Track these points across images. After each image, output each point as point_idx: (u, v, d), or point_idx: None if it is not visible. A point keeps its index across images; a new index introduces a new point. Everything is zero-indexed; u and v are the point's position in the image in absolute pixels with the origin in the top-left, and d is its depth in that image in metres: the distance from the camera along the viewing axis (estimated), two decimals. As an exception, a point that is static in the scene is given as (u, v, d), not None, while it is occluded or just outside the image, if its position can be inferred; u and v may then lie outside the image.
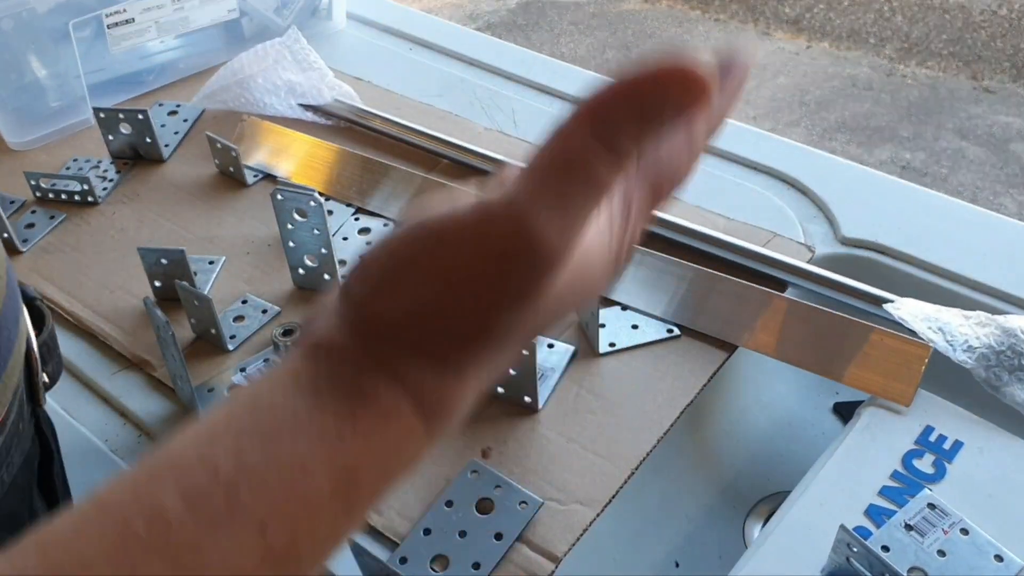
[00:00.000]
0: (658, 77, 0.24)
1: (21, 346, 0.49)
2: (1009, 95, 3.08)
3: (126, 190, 0.91)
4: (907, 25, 3.53)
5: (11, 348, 0.47)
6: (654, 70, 0.24)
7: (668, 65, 0.24)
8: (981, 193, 2.61)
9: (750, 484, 0.76)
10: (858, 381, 0.66)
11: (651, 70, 0.24)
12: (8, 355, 0.47)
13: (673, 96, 0.24)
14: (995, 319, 0.66)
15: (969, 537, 0.55)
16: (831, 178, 0.88)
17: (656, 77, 0.24)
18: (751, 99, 3.11)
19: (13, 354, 0.47)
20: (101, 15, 0.97)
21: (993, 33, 3.45)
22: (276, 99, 0.98)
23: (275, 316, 0.75)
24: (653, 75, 0.24)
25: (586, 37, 3.55)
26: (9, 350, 0.47)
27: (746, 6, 3.74)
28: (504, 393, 0.66)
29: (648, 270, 0.75)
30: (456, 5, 3.84)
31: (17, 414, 0.49)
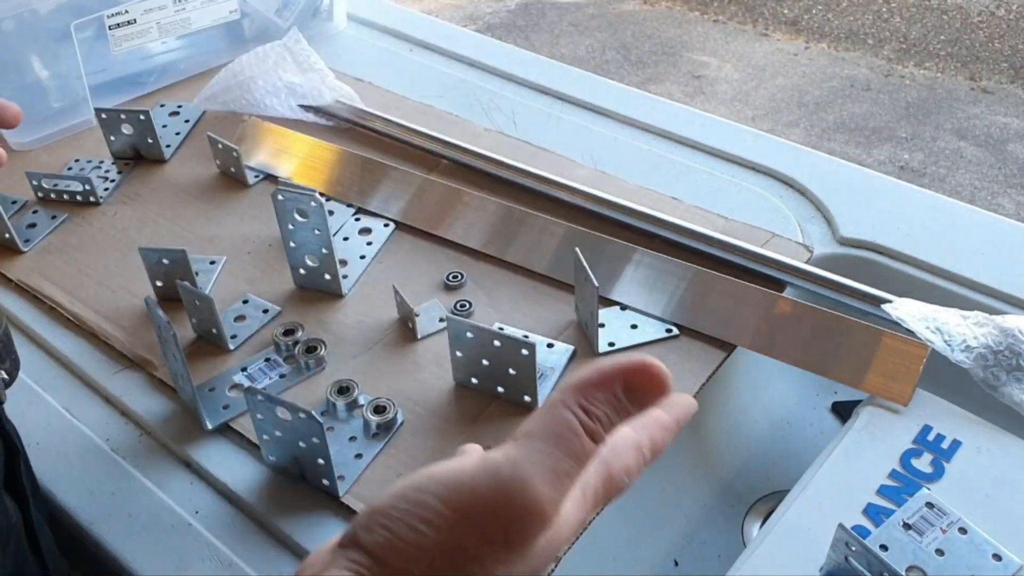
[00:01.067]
0: (630, 372, 0.34)
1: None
2: (1007, 95, 3.09)
3: (128, 190, 0.92)
4: (905, 26, 3.53)
5: None
6: (627, 366, 0.34)
7: (639, 365, 0.34)
8: (979, 193, 2.62)
9: (749, 483, 0.77)
10: (856, 381, 0.66)
11: (625, 365, 0.34)
12: None
13: (640, 388, 0.34)
14: (993, 319, 0.67)
15: (967, 536, 0.55)
16: (829, 178, 0.89)
17: (629, 371, 0.34)
18: (750, 99, 3.12)
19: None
20: (103, 16, 0.97)
21: (991, 34, 3.45)
22: (277, 100, 0.98)
23: (276, 316, 0.75)
24: (627, 369, 0.34)
25: (586, 38, 3.55)
26: None
27: (745, 7, 3.74)
28: (504, 392, 0.67)
29: (647, 270, 0.75)
30: (456, 6, 3.84)
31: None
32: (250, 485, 0.62)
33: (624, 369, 0.34)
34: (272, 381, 0.69)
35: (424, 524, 0.32)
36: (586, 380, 0.34)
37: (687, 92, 3.18)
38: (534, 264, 0.79)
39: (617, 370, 0.34)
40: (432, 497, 0.32)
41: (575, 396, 0.34)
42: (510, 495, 0.32)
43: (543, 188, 0.86)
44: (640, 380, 0.34)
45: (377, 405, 0.65)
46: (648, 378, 0.34)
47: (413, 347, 0.72)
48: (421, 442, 0.64)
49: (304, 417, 0.57)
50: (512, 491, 0.32)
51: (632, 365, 0.34)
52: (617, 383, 0.34)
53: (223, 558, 0.59)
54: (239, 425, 0.66)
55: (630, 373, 0.34)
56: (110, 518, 0.61)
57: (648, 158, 0.93)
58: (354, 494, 0.61)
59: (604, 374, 0.34)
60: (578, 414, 0.33)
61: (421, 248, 0.82)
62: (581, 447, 0.33)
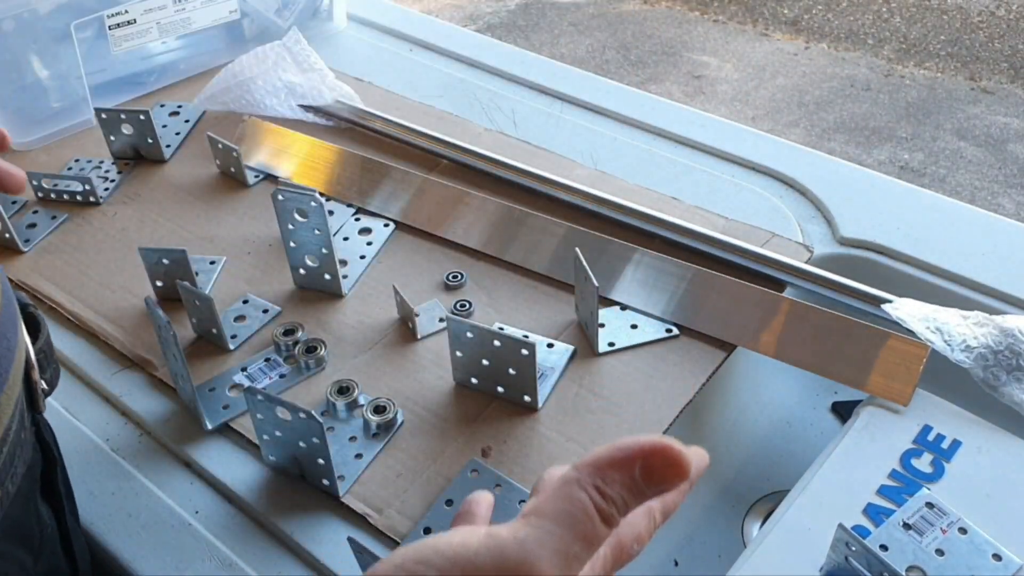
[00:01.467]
0: (650, 453, 0.32)
1: (21, 355, 0.49)
2: (1007, 95, 3.09)
3: (127, 190, 0.92)
4: (905, 26, 3.53)
5: (11, 358, 0.47)
6: (648, 447, 0.32)
7: (660, 447, 0.32)
8: (979, 193, 2.62)
9: (749, 483, 0.77)
10: (857, 381, 0.66)
11: (645, 447, 0.32)
12: (9, 365, 0.47)
13: (659, 472, 0.32)
14: (993, 319, 0.67)
15: (967, 536, 0.55)
16: (829, 178, 0.89)
17: (649, 453, 0.32)
18: (750, 99, 3.12)
19: (14, 364, 0.47)
20: (103, 16, 0.97)
21: (991, 34, 3.45)
22: (277, 100, 0.98)
23: (276, 316, 0.75)
24: (647, 451, 0.32)
25: (586, 38, 3.55)
26: (10, 360, 0.47)
27: (745, 7, 3.74)
28: (504, 392, 0.67)
29: (647, 270, 0.75)
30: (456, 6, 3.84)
31: (19, 423, 0.49)
32: (250, 485, 0.62)
33: (644, 451, 0.32)
34: (272, 381, 0.69)
35: None
36: (604, 459, 0.32)
37: (687, 92, 3.18)
38: (534, 264, 0.79)
39: (637, 451, 0.32)
40: (434, 571, 0.31)
41: (591, 476, 0.32)
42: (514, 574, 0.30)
43: (543, 188, 0.86)
44: (660, 463, 0.32)
45: (377, 405, 0.65)
46: (668, 462, 0.32)
47: (413, 347, 0.72)
48: (421, 442, 0.64)
49: (304, 417, 0.57)
50: (517, 573, 0.30)
51: (653, 447, 0.32)
52: (636, 465, 0.32)
53: (223, 558, 0.59)
54: (239, 425, 0.66)
55: (650, 455, 0.32)
56: (110, 518, 0.61)
57: (648, 158, 0.93)
58: (354, 494, 0.61)
59: (623, 454, 0.32)
60: (593, 496, 0.32)
61: (421, 248, 0.82)
62: (593, 531, 0.32)
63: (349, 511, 0.60)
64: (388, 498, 0.61)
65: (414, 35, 1.17)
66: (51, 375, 0.57)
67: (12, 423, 0.47)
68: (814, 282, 0.74)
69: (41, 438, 0.55)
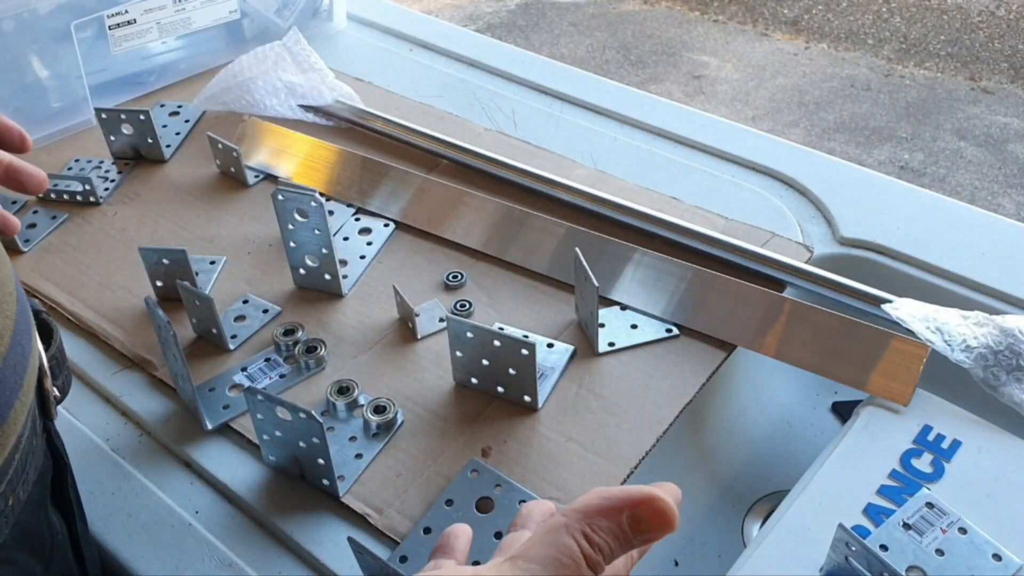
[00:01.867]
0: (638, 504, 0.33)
1: (35, 363, 0.49)
2: (1007, 95, 3.09)
3: (128, 190, 0.92)
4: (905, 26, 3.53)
5: (26, 366, 0.47)
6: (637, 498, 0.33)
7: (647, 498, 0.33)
8: (979, 193, 2.62)
9: (749, 483, 0.77)
10: (856, 381, 0.66)
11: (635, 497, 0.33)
12: (23, 373, 0.47)
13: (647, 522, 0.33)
14: (993, 319, 0.67)
15: (967, 536, 0.55)
16: (829, 178, 0.89)
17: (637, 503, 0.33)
18: (750, 99, 3.12)
19: (27, 372, 0.47)
20: (103, 16, 0.97)
21: (991, 34, 3.45)
22: (276, 100, 0.98)
23: (276, 316, 0.75)
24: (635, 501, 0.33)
25: (586, 38, 3.55)
26: (24, 368, 0.47)
27: (745, 7, 3.74)
28: (504, 392, 0.67)
29: (647, 270, 0.75)
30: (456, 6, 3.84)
31: (31, 431, 0.49)
32: (250, 485, 0.62)
33: (633, 500, 0.33)
34: (272, 381, 0.69)
35: None
36: (592, 507, 0.33)
37: (687, 92, 3.18)
38: (534, 264, 0.79)
39: (626, 500, 0.33)
40: None
41: (580, 523, 0.33)
42: None
43: (543, 188, 0.86)
44: (648, 514, 0.33)
45: (377, 405, 0.65)
46: (655, 513, 0.33)
47: (413, 347, 0.72)
48: (421, 442, 0.64)
49: (304, 417, 0.57)
50: None
51: (642, 498, 0.33)
52: (624, 513, 0.33)
53: (223, 558, 0.59)
54: (239, 425, 0.66)
55: (638, 505, 0.33)
56: (110, 518, 0.61)
57: (648, 158, 0.93)
58: (354, 494, 0.61)
59: (612, 502, 0.33)
60: (580, 542, 0.32)
61: (421, 248, 0.82)
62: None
63: (349, 511, 0.60)
64: (388, 498, 0.61)
65: (414, 35, 1.17)
66: (63, 382, 0.57)
67: (24, 431, 0.47)
68: (814, 282, 0.74)
69: (52, 444, 0.55)
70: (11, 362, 0.45)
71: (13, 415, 0.45)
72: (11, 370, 0.45)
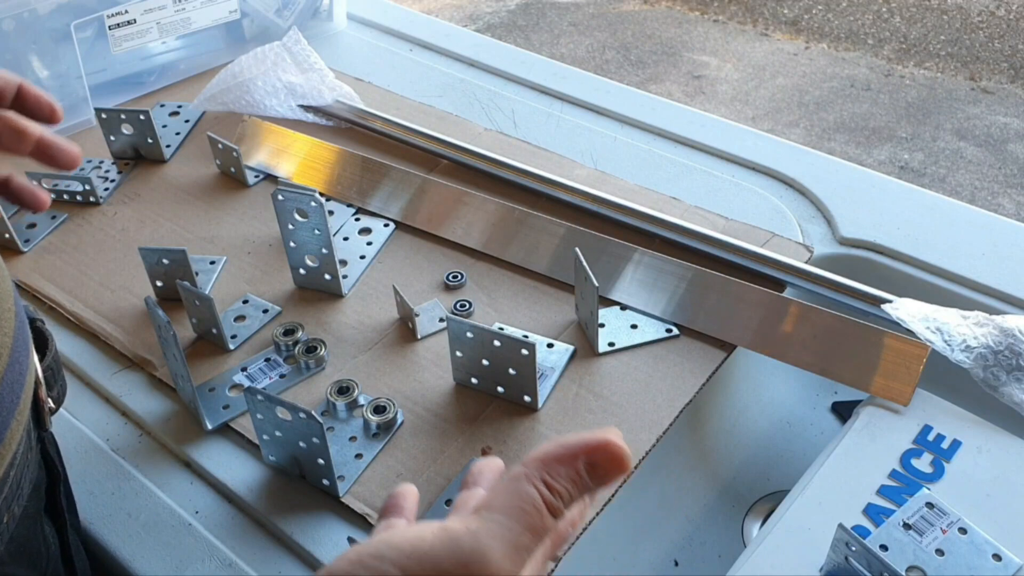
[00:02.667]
0: (594, 449, 0.34)
1: (31, 379, 0.49)
2: (1007, 95, 3.09)
3: (127, 190, 0.92)
4: (905, 26, 3.53)
5: (23, 383, 0.47)
6: (592, 443, 0.34)
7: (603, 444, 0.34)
8: (979, 193, 2.62)
9: (749, 483, 0.77)
10: (856, 381, 0.66)
11: (590, 443, 0.34)
12: (20, 390, 0.46)
13: (603, 467, 0.34)
14: (993, 319, 0.67)
15: (967, 536, 0.55)
16: (829, 179, 0.89)
17: (593, 449, 0.34)
18: (750, 99, 3.12)
19: (24, 389, 0.47)
20: (103, 16, 0.97)
21: (991, 34, 3.45)
22: (276, 101, 0.98)
23: (276, 316, 0.75)
24: (591, 447, 0.34)
25: (585, 38, 3.55)
26: (21, 385, 0.46)
27: (745, 7, 3.74)
28: (504, 392, 0.67)
29: (647, 270, 0.75)
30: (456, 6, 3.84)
31: (25, 445, 0.48)
32: (250, 485, 0.62)
33: (588, 446, 0.34)
34: (272, 381, 0.69)
35: None
36: (550, 455, 0.34)
37: (687, 92, 3.18)
38: (534, 264, 0.79)
39: (581, 447, 0.34)
40: (391, 566, 0.32)
41: (538, 470, 0.34)
42: (469, 567, 0.32)
43: (543, 188, 0.86)
44: (602, 458, 0.34)
45: (377, 405, 0.65)
46: (610, 456, 0.35)
47: (413, 347, 0.72)
48: (421, 442, 0.64)
49: (304, 417, 0.57)
50: (471, 563, 0.32)
51: (596, 443, 0.34)
52: (580, 459, 0.34)
53: (223, 558, 0.59)
54: (239, 425, 0.66)
55: (593, 450, 0.34)
56: (110, 518, 0.61)
57: (648, 158, 0.93)
58: (354, 494, 0.61)
59: (568, 450, 0.34)
60: (540, 489, 0.34)
61: (421, 248, 0.82)
62: (541, 523, 0.33)
63: (349, 511, 0.60)
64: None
65: (414, 35, 1.17)
66: (58, 392, 0.57)
67: (20, 447, 0.47)
68: (814, 282, 0.74)
69: (46, 454, 0.55)
70: (8, 381, 0.44)
71: (9, 435, 0.45)
72: (8, 389, 0.44)
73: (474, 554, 0.32)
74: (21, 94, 0.56)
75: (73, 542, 0.57)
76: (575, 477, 0.34)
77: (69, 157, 0.58)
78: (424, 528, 0.33)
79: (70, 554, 0.56)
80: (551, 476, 0.34)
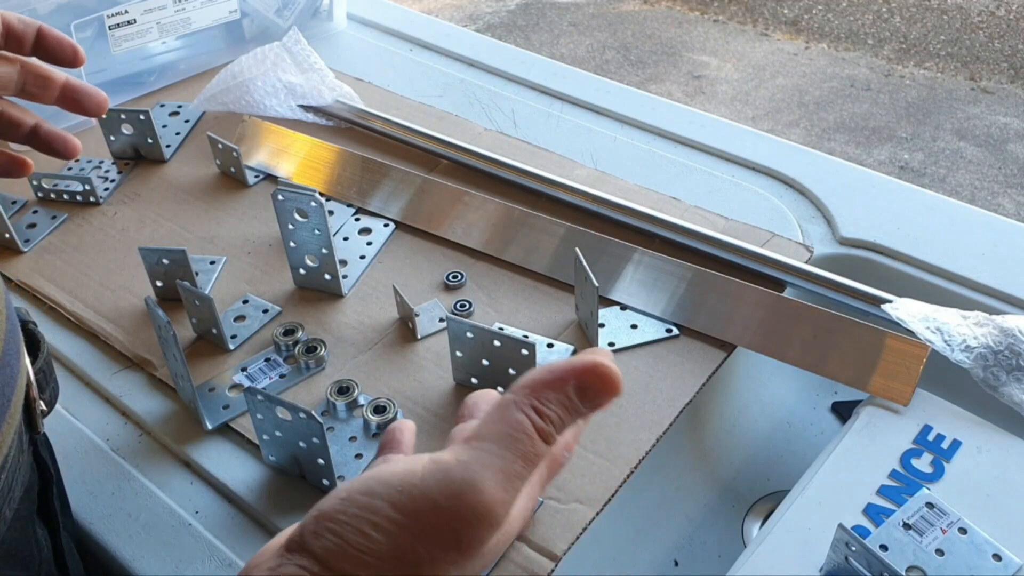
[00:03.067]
0: (583, 372, 0.33)
1: (23, 382, 0.49)
2: (1007, 95, 3.09)
3: (128, 190, 0.92)
4: (905, 26, 3.53)
5: (14, 386, 0.46)
6: (580, 367, 0.33)
7: (591, 366, 0.33)
8: (979, 193, 2.62)
9: (749, 483, 0.77)
10: (856, 381, 0.66)
11: (580, 367, 0.33)
12: (11, 394, 0.46)
13: (593, 389, 0.34)
14: (993, 319, 0.67)
15: (967, 536, 0.55)
16: (829, 178, 0.89)
17: (581, 372, 0.33)
18: (750, 99, 3.12)
19: (15, 392, 0.47)
20: (103, 16, 0.97)
21: (991, 34, 3.45)
22: (276, 101, 0.98)
23: (276, 316, 0.76)
24: (579, 370, 0.33)
25: (585, 38, 3.55)
26: (12, 388, 0.46)
27: (745, 7, 3.74)
28: (504, 392, 0.67)
29: (647, 270, 0.75)
30: (456, 6, 3.84)
31: (17, 448, 0.48)
32: (250, 485, 0.62)
33: (577, 370, 0.34)
34: (272, 381, 0.69)
35: (374, 529, 0.31)
36: (539, 380, 0.34)
37: (687, 92, 3.18)
38: (534, 264, 0.79)
39: (570, 371, 0.34)
40: (382, 502, 0.31)
41: (527, 397, 0.33)
42: (461, 498, 0.31)
43: (543, 188, 0.86)
44: (592, 381, 0.34)
45: (377, 405, 0.65)
46: (600, 379, 0.34)
47: (413, 347, 0.72)
48: (421, 442, 0.64)
49: (304, 417, 0.57)
50: (463, 494, 0.31)
51: (585, 366, 0.34)
52: (569, 383, 0.34)
53: (223, 558, 0.59)
54: (239, 425, 0.66)
55: (582, 374, 0.34)
56: (110, 518, 0.61)
57: (648, 158, 0.93)
58: (354, 494, 0.61)
59: (557, 375, 0.34)
60: (530, 415, 0.33)
61: (421, 248, 0.82)
62: (532, 449, 0.33)
63: (349, 511, 0.60)
64: (388, 498, 0.61)
65: (414, 35, 1.17)
66: (50, 395, 0.56)
67: (11, 451, 0.47)
68: (814, 282, 0.74)
69: (38, 456, 0.55)
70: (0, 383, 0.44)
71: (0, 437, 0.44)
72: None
73: (465, 484, 0.31)
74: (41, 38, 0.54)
75: (66, 544, 0.57)
76: (565, 401, 0.34)
77: (96, 102, 0.56)
78: (414, 461, 0.33)
79: (63, 557, 0.56)
80: (540, 402, 0.33)
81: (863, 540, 0.51)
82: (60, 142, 0.56)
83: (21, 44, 0.52)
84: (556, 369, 0.34)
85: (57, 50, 0.54)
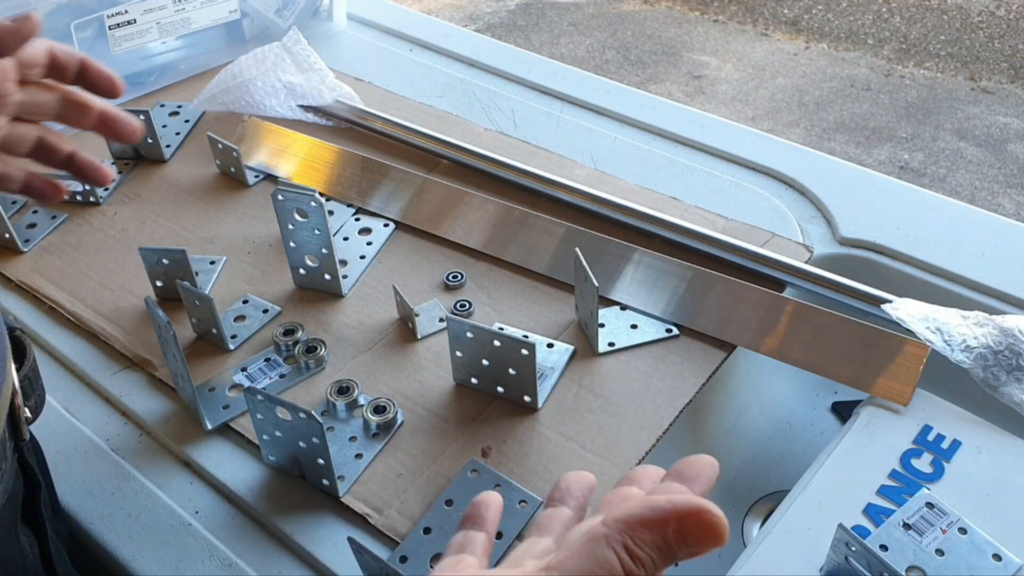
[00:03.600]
0: (686, 516, 0.30)
1: (8, 389, 0.48)
2: (1007, 95, 3.09)
3: (128, 190, 0.92)
4: (905, 26, 3.53)
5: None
6: (684, 509, 0.30)
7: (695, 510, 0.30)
8: (979, 193, 2.62)
9: (749, 483, 0.77)
10: (856, 381, 0.66)
11: (681, 509, 0.30)
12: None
13: (694, 536, 0.30)
14: (993, 319, 0.67)
15: (967, 536, 0.55)
16: (829, 179, 0.89)
17: (684, 515, 0.30)
18: (750, 99, 3.11)
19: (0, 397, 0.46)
20: (103, 16, 0.97)
21: (991, 34, 3.45)
22: (276, 101, 0.98)
23: (276, 316, 0.75)
24: (682, 513, 0.30)
25: (586, 38, 3.55)
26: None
27: (745, 7, 3.74)
28: (504, 392, 0.67)
29: (647, 270, 0.75)
30: (456, 6, 3.84)
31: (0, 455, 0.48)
32: (250, 485, 0.62)
33: (680, 512, 0.30)
34: (272, 381, 0.69)
35: None
36: (636, 518, 0.30)
37: (687, 92, 3.18)
38: (534, 264, 0.79)
39: (672, 512, 0.30)
40: None
41: (621, 534, 0.30)
42: None
43: (543, 188, 0.86)
44: (695, 529, 0.30)
45: (377, 405, 0.65)
46: (704, 528, 0.30)
47: (413, 347, 0.72)
48: (421, 442, 0.64)
49: (304, 417, 0.57)
50: None
51: (689, 509, 0.30)
52: (670, 526, 0.30)
53: (223, 558, 0.59)
54: (239, 425, 0.66)
55: (685, 518, 0.30)
56: (110, 518, 0.61)
57: (648, 158, 0.93)
58: (354, 494, 0.61)
59: (656, 513, 0.30)
60: (622, 556, 0.30)
61: (421, 248, 0.82)
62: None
63: (349, 511, 0.60)
64: (388, 498, 0.61)
65: (414, 35, 1.17)
66: (35, 402, 0.56)
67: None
68: (814, 282, 0.74)
69: (24, 463, 0.54)
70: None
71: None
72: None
73: None
74: (84, 69, 0.56)
75: (55, 551, 0.57)
76: (661, 545, 0.30)
77: (130, 129, 0.58)
78: None
79: (52, 563, 0.56)
80: (635, 542, 0.30)
81: (863, 540, 0.51)
82: (93, 171, 0.58)
83: (64, 74, 0.54)
84: (657, 507, 0.30)
85: (98, 81, 0.57)
